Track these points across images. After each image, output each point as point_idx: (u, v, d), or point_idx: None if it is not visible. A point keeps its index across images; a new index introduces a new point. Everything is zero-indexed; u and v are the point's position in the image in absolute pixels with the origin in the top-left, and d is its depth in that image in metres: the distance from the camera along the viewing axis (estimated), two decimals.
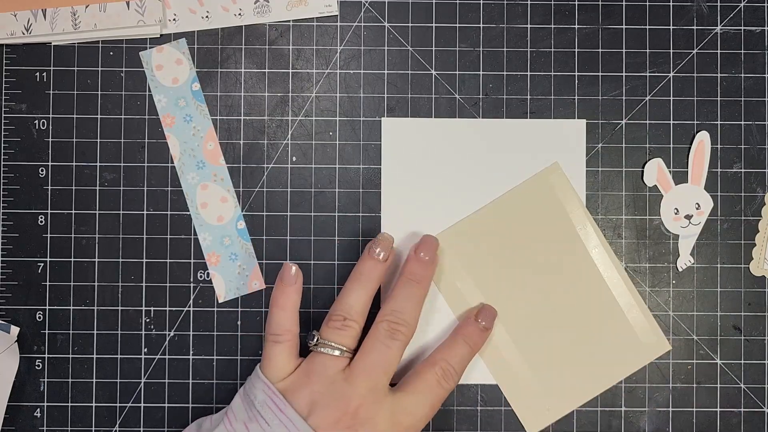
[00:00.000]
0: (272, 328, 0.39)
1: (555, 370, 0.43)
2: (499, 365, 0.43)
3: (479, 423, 0.44)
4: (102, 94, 0.44)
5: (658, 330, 0.43)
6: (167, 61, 0.44)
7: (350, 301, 0.39)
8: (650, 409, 0.44)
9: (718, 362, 0.44)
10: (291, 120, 0.44)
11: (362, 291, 0.39)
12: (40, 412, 0.43)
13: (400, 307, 0.39)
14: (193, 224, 0.44)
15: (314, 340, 0.39)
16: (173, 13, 0.44)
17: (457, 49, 0.44)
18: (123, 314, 0.44)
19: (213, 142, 0.44)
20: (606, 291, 0.43)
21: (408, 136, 0.44)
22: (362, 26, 0.44)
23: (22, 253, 0.44)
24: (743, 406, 0.44)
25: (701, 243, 0.44)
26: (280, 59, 0.44)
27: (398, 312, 0.39)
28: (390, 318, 0.39)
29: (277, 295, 0.39)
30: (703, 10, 0.44)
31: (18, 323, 0.43)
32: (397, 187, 0.44)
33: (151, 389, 0.44)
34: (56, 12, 0.43)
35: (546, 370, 0.43)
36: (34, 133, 0.44)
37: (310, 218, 0.44)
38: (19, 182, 0.44)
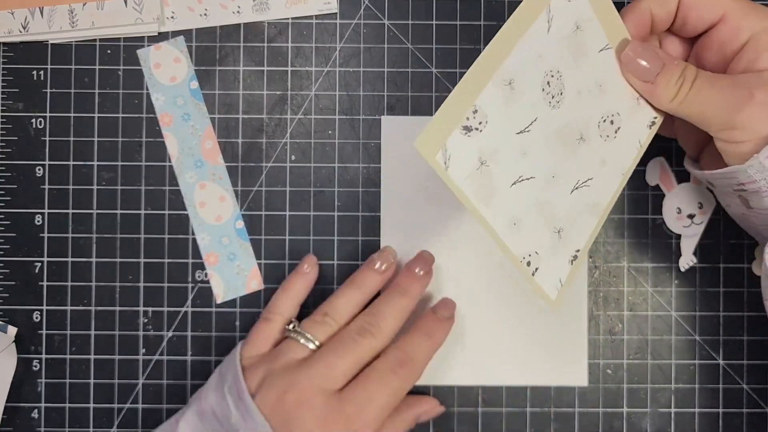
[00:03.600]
0: (267, 307, 0.41)
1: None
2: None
3: (480, 424, 0.43)
4: (99, 92, 0.44)
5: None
6: (165, 59, 0.44)
7: (337, 302, 0.39)
8: (652, 410, 0.44)
9: (721, 362, 0.44)
10: (290, 118, 0.44)
11: (352, 296, 0.39)
12: (37, 412, 0.43)
13: (377, 311, 0.39)
14: (192, 224, 0.43)
15: (290, 326, 0.39)
16: (171, 10, 0.43)
17: (457, 47, 0.44)
18: (121, 315, 0.43)
19: (211, 141, 0.43)
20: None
21: (408, 135, 0.43)
22: (362, 24, 0.44)
23: (19, 253, 0.43)
24: (746, 406, 0.43)
25: (704, 243, 0.44)
26: (279, 57, 0.44)
27: (374, 315, 0.38)
28: (365, 319, 0.38)
29: (285, 280, 0.41)
30: None
31: (15, 323, 0.43)
32: (397, 186, 0.43)
33: (149, 390, 0.43)
34: (53, 10, 0.43)
35: None
36: (31, 132, 0.44)
37: (309, 218, 0.44)
38: (16, 181, 0.43)
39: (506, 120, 0.34)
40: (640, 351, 0.44)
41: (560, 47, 0.35)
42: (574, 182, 0.37)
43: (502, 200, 0.35)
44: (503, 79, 0.34)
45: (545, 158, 0.36)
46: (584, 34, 0.36)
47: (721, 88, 0.33)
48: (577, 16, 0.36)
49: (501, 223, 0.35)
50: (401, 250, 0.43)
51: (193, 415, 0.37)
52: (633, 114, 0.38)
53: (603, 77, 0.37)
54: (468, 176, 0.33)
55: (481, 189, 0.34)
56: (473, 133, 0.33)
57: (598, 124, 0.37)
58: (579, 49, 0.36)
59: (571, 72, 0.36)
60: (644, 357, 0.44)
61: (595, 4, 0.36)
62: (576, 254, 0.37)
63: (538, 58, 0.35)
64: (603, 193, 0.38)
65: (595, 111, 0.37)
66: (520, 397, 0.44)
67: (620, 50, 0.36)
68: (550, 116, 0.36)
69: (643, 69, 0.36)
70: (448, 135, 0.33)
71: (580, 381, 0.44)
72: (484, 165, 0.34)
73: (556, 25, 0.35)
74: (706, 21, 0.35)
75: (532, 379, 0.44)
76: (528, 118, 0.35)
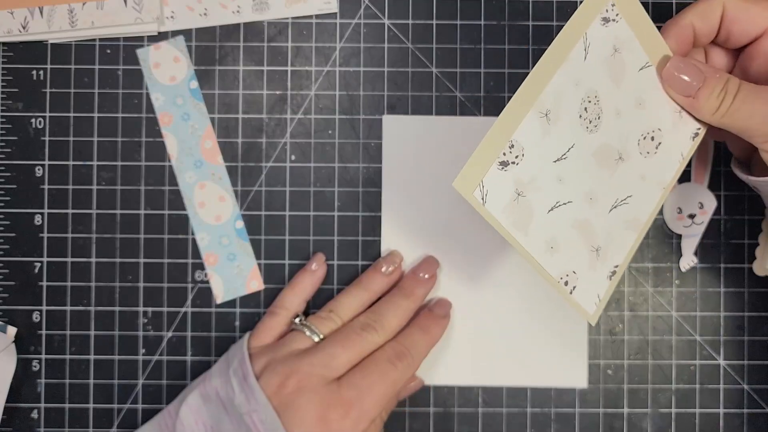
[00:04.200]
0: (274, 302, 0.42)
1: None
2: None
3: (480, 425, 0.43)
4: (99, 92, 0.44)
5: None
6: (165, 58, 0.43)
7: (343, 300, 0.41)
8: (653, 410, 0.43)
9: (721, 363, 0.44)
10: (290, 118, 0.44)
11: (358, 296, 0.41)
12: (37, 413, 0.43)
13: (381, 310, 0.40)
14: (191, 224, 0.43)
15: (297, 320, 0.40)
16: (171, 10, 0.43)
17: (457, 47, 0.44)
18: (120, 315, 0.43)
19: (211, 141, 0.43)
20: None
21: (409, 134, 0.43)
22: (362, 23, 0.44)
23: (18, 253, 0.43)
24: (746, 407, 0.43)
25: (704, 243, 0.43)
26: (278, 57, 0.44)
27: (378, 313, 0.40)
28: (369, 316, 0.40)
29: (293, 277, 0.42)
30: None
31: (15, 324, 0.43)
32: (397, 185, 0.43)
33: (148, 390, 0.43)
34: (53, 10, 0.43)
35: None
36: (31, 132, 0.43)
37: (309, 218, 0.43)
38: (16, 181, 0.43)
39: (543, 150, 0.35)
40: (640, 351, 0.44)
41: (598, 72, 0.35)
42: (612, 201, 0.37)
43: (540, 226, 0.35)
44: (539, 111, 0.34)
45: (583, 181, 0.36)
46: (623, 55, 0.36)
47: (764, 101, 0.33)
48: (615, 39, 0.35)
49: (538, 248, 0.35)
50: (401, 250, 0.43)
51: (196, 397, 0.38)
52: (675, 127, 0.38)
53: (643, 95, 0.37)
54: (505, 208, 0.34)
55: (518, 219, 0.34)
56: (510, 167, 0.34)
57: (638, 142, 0.37)
58: (618, 70, 0.36)
59: (610, 94, 0.36)
60: (645, 357, 0.44)
61: (633, 24, 0.36)
62: (615, 269, 0.38)
63: (575, 86, 0.35)
64: (643, 209, 0.38)
65: (634, 129, 0.37)
66: (521, 397, 0.44)
67: (661, 66, 0.36)
68: (588, 140, 0.36)
69: (685, 84, 0.35)
70: (486, 172, 0.33)
71: (581, 381, 0.43)
72: (521, 196, 0.34)
73: (593, 52, 0.35)
74: (750, 34, 0.35)
75: (533, 380, 0.43)
76: (565, 146, 0.35)
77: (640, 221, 0.38)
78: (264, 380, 0.36)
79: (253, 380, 0.36)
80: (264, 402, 0.35)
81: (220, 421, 0.37)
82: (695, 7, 0.35)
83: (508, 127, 0.33)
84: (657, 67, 0.37)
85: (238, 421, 0.36)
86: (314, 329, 0.39)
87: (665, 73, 0.36)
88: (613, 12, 0.35)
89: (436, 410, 0.44)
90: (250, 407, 0.36)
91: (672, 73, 0.36)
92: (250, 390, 0.36)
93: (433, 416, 0.43)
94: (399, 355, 0.38)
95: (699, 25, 0.36)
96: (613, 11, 0.35)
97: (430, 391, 0.44)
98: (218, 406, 0.37)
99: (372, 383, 0.37)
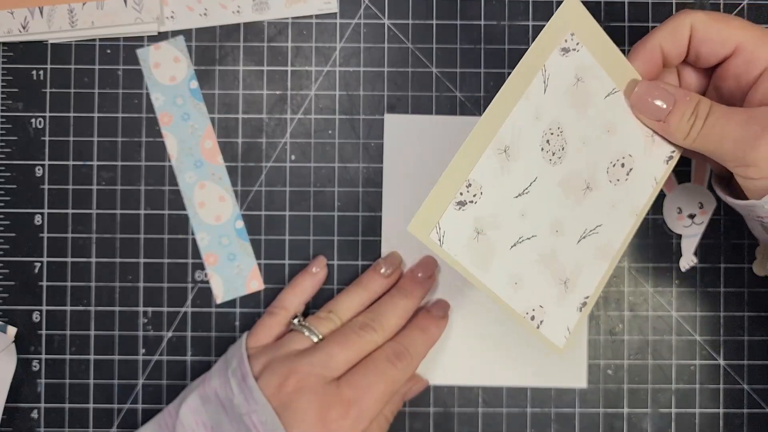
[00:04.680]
0: (273, 302, 0.42)
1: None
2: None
3: (480, 425, 0.43)
4: (99, 92, 0.44)
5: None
6: (165, 58, 0.43)
7: (342, 301, 0.41)
8: (653, 410, 0.43)
9: (721, 363, 0.44)
10: (290, 118, 0.44)
11: (357, 296, 0.41)
12: (37, 413, 0.43)
13: (380, 310, 0.40)
14: (191, 224, 0.43)
15: (296, 320, 0.40)
16: (171, 10, 0.43)
17: (457, 47, 0.44)
18: (120, 315, 0.43)
19: (211, 141, 0.43)
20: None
21: (410, 134, 0.43)
22: (362, 23, 0.44)
23: (18, 253, 0.43)
24: (746, 407, 0.43)
25: (704, 243, 0.43)
26: (278, 57, 0.44)
27: (377, 313, 0.40)
28: (368, 316, 0.40)
29: (294, 278, 0.42)
30: (705, 8, 0.44)
31: (15, 324, 0.43)
32: (398, 185, 0.43)
33: (148, 390, 0.43)
34: (53, 10, 0.43)
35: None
36: (31, 132, 0.43)
37: (309, 218, 0.43)
38: (16, 181, 0.43)
39: (503, 186, 0.34)
40: (640, 351, 0.44)
41: (560, 103, 0.35)
42: (581, 232, 0.36)
43: (502, 263, 0.34)
44: (497, 148, 0.33)
45: (547, 214, 0.35)
46: (586, 84, 0.35)
47: (735, 124, 0.32)
48: (577, 68, 0.35)
49: (501, 284, 0.35)
50: (401, 250, 0.43)
51: (195, 398, 0.38)
52: (647, 152, 0.37)
53: (612, 121, 0.36)
54: (463, 247, 0.33)
55: (478, 257, 0.34)
56: (468, 206, 0.33)
57: (607, 170, 0.36)
58: (582, 100, 0.35)
59: (574, 124, 0.35)
60: (645, 357, 0.44)
61: (595, 51, 0.35)
62: (585, 300, 0.37)
63: (535, 120, 0.34)
64: (614, 237, 0.37)
65: (602, 157, 0.36)
66: (521, 397, 0.44)
67: (629, 91, 0.35)
68: (552, 172, 0.35)
69: (654, 108, 0.35)
70: (442, 214, 0.33)
71: (580, 381, 0.43)
72: (480, 234, 0.34)
73: (553, 83, 0.34)
74: (719, 54, 0.34)
75: (533, 380, 0.43)
76: (527, 180, 0.35)
77: (611, 250, 0.37)
78: (263, 381, 0.36)
79: (252, 381, 0.36)
80: (263, 402, 0.35)
81: (219, 421, 0.37)
82: (663, 28, 0.34)
83: (465, 166, 0.33)
84: (625, 92, 0.36)
85: (237, 421, 0.36)
86: (313, 329, 0.39)
87: (634, 98, 0.35)
88: (573, 41, 0.34)
89: (437, 410, 0.44)
90: (250, 408, 0.36)
91: (640, 97, 0.35)
92: (249, 390, 0.36)
93: (433, 416, 0.43)
94: (398, 355, 0.38)
95: (668, 47, 0.34)
96: (573, 40, 0.34)
97: (430, 391, 0.44)
98: (217, 406, 0.37)
99: (371, 383, 0.37)
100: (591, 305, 0.37)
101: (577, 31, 0.34)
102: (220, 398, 0.37)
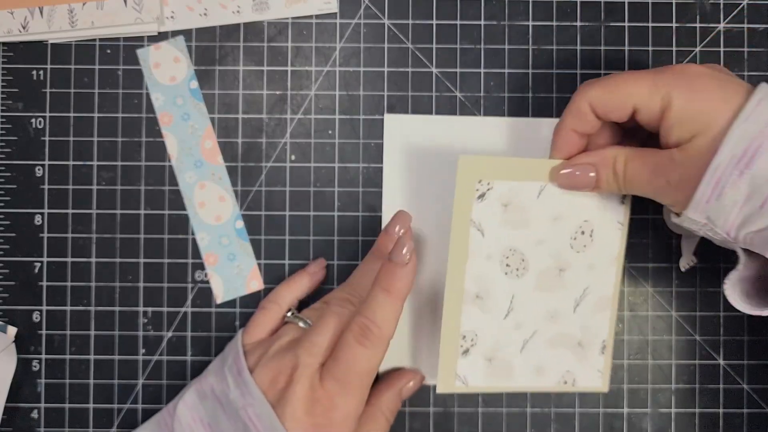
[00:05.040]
0: (267, 296, 0.42)
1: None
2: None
3: (480, 425, 0.43)
4: (99, 92, 0.44)
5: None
6: (165, 59, 0.43)
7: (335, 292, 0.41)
8: (652, 410, 0.44)
9: (721, 363, 0.44)
10: (290, 118, 0.44)
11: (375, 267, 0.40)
12: (37, 413, 0.43)
13: (357, 281, 0.40)
14: (191, 224, 0.43)
15: (290, 313, 0.40)
16: (171, 10, 0.43)
17: (457, 47, 0.44)
18: (120, 315, 0.43)
19: (211, 141, 0.43)
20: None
21: (411, 133, 0.43)
22: (362, 23, 0.44)
23: (18, 253, 0.43)
24: (746, 406, 0.43)
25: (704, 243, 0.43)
26: (278, 57, 0.44)
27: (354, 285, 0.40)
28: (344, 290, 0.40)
29: (291, 275, 0.43)
30: (705, 8, 0.44)
31: (15, 324, 0.43)
32: (398, 185, 0.43)
33: (148, 390, 0.43)
34: (53, 10, 0.43)
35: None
36: (31, 132, 0.44)
37: (309, 218, 0.44)
38: (16, 181, 0.43)
39: (490, 320, 0.40)
40: (640, 351, 0.44)
41: (501, 235, 0.39)
42: (573, 304, 0.41)
43: (521, 365, 0.41)
44: (470, 299, 0.39)
45: (537, 312, 0.40)
46: (514, 203, 0.39)
47: (646, 174, 0.35)
48: (499, 200, 0.38)
49: (529, 379, 0.41)
50: None
51: (192, 395, 0.38)
52: (602, 207, 0.40)
53: (554, 210, 0.39)
54: (484, 376, 0.41)
55: (499, 375, 0.41)
56: (471, 350, 0.40)
57: (571, 245, 0.40)
58: (518, 217, 0.39)
59: (523, 238, 0.39)
60: (644, 357, 0.44)
61: (506, 176, 0.38)
62: (604, 344, 0.41)
63: (488, 260, 0.39)
64: (604, 288, 0.41)
65: (562, 239, 0.40)
66: (521, 397, 0.44)
67: (555, 179, 0.38)
68: (523, 283, 0.40)
69: (582, 181, 0.37)
70: (455, 366, 0.40)
71: None
72: (492, 359, 0.40)
73: (487, 225, 0.39)
74: (624, 116, 0.35)
75: None
76: (506, 302, 0.40)
77: (607, 299, 0.41)
78: (257, 375, 0.36)
79: (247, 375, 0.36)
80: (259, 396, 0.35)
81: (217, 417, 0.37)
82: (568, 113, 0.37)
83: (454, 326, 0.39)
84: (552, 182, 0.39)
85: (234, 416, 0.36)
86: (307, 321, 0.39)
87: (561, 183, 0.38)
88: (484, 185, 0.38)
89: (436, 410, 0.44)
90: (246, 401, 0.36)
91: (567, 181, 0.38)
92: (245, 385, 0.36)
93: (433, 416, 0.44)
94: (364, 332, 0.35)
95: (579, 127, 0.37)
96: (483, 184, 0.38)
97: (430, 390, 0.44)
98: (214, 402, 0.37)
99: (347, 370, 0.35)
100: (611, 344, 0.42)
101: (482, 176, 0.38)
102: (216, 394, 0.37)
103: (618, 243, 0.40)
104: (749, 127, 0.32)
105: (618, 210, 0.40)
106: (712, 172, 0.32)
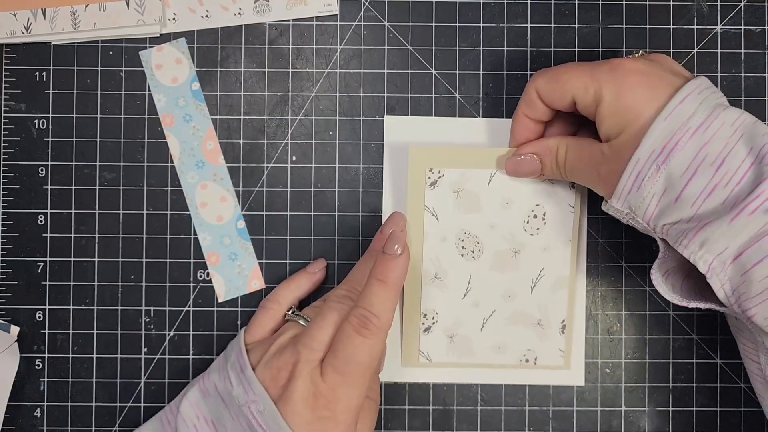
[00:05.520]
0: (268, 295, 0.42)
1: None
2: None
3: (479, 423, 0.44)
4: (102, 93, 0.44)
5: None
6: (167, 60, 0.44)
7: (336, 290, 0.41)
8: (650, 409, 0.44)
9: (718, 362, 0.44)
10: (291, 119, 0.44)
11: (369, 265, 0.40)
12: (40, 411, 0.43)
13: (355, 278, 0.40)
14: (193, 224, 0.44)
15: (290, 311, 0.41)
16: (173, 12, 0.44)
17: (457, 49, 0.44)
18: (123, 314, 0.44)
19: (212, 142, 0.44)
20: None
21: (411, 135, 0.44)
22: (362, 25, 0.44)
23: (21, 253, 0.44)
24: (743, 405, 0.44)
25: None
26: (279, 58, 0.44)
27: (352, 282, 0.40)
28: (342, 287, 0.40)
29: (292, 275, 0.43)
30: (703, 10, 0.44)
31: (18, 323, 0.43)
32: (398, 185, 0.44)
33: (150, 389, 0.44)
34: (56, 11, 0.43)
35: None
36: (34, 133, 0.44)
37: (310, 218, 0.44)
38: (19, 182, 0.44)
39: (449, 299, 0.42)
40: (638, 350, 0.44)
41: (454, 219, 0.41)
42: (529, 284, 0.42)
43: (480, 343, 0.43)
44: (429, 279, 0.42)
45: (495, 291, 0.42)
46: (466, 189, 0.41)
47: (582, 165, 0.37)
48: (451, 186, 0.41)
49: (490, 355, 0.43)
50: None
51: (195, 393, 0.38)
52: (552, 191, 0.42)
53: (505, 195, 0.41)
54: (447, 353, 0.43)
55: (460, 352, 0.43)
56: (433, 327, 0.42)
57: (524, 228, 0.42)
58: (470, 202, 0.41)
59: (476, 222, 0.42)
60: (642, 356, 0.44)
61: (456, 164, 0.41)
62: (563, 324, 0.43)
63: (443, 242, 0.42)
64: (561, 268, 0.42)
65: (515, 222, 0.42)
66: (519, 395, 0.44)
67: (503, 165, 0.41)
68: (479, 264, 0.42)
69: (527, 169, 0.40)
70: (418, 343, 0.42)
71: (579, 380, 0.44)
72: (453, 336, 0.42)
73: (440, 210, 0.41)
74: (567, 105, 0.37)
75: (531, 378, 0.44)
76: (464, 282, 0.42)
77: (564, 278, 0.42)
78: (259, 372, 0.37)
79: (250, 372, 0.37)
80: (262, 393, 0.36)
81: (220, 414, 0.37)
82: (522, 101, 0.39)
83: (414, 304, 0.42)
84: (500, 168, 0.41)
85: (237, 413, 0.36)
86: (308, 318, 0.39)
87: (509, 170, 0.40)
88: (435, 173, 0.41)
89: (436, 408, 0.44)
90: (248, 398, 0.36)
91: (514, 168, 0.40)
92: (248, 381, 0.36)
93: (432, 414, 0.44)
94: (362, 323, 0.36)
95: (532, 114, 0.39)
96: (434, 172, 0.41)
97: (429, 389, 0.44)
98: (217, 399, 0.37)
99: (347, 361, 0.35)
100: (571, 324, 0.43)
101: (433, 164, 0.41)
102: (219, 392, 0.38)
103: (571, 225, 0.42)
104: (669, 125, 0.33)
105: (569, 194, 0.42)
106: (633, 165, 0.33)
